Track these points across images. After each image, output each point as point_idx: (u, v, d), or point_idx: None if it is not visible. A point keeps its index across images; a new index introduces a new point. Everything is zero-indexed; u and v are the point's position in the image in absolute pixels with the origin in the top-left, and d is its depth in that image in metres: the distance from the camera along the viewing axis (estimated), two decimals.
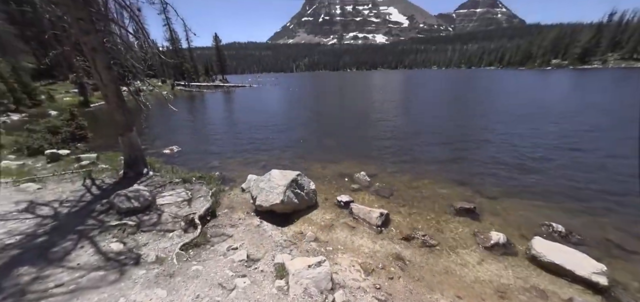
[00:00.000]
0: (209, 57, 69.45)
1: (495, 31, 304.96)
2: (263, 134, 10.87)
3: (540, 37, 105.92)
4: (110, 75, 4.84)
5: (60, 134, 7.55)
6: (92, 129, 10.80)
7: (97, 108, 20.36)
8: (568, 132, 9.37)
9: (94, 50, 4.54)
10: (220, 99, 26.74)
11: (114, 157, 6.92)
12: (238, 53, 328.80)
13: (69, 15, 4.25)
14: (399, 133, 10.28)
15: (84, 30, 4.34)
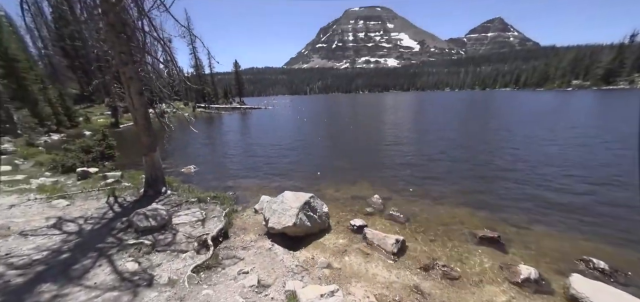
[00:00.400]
0: (228, 81, 74.03)
1: (509, 53, 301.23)
2: (277, 154, 11.07)
3: (557, 58, 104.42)
4: (141, 101, 5.27)
5: (92, 153, 8.15)
6: (119, 148, 11.54)
7: (126, 128, 21.99)
8: (604, 156, 8.68)
9: (130, 79, 5.02)
10: (236, 120, 27.96)
11: (137, 175, 7.30)
12: (255, 77, 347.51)
13: (113, 50, 4.78)
14: (413, 156, 10.05)
15: (124, 62, 4.84)
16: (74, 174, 7.08)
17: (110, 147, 8.85)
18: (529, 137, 12.28)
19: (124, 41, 4.72)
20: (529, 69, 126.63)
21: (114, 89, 6.06)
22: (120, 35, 4.67)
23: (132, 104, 5.27)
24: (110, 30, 4.60)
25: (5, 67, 16.25)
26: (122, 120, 23.88)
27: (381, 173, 8.03)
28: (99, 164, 8.04)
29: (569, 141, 10.84)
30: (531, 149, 10.10)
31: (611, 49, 76.00)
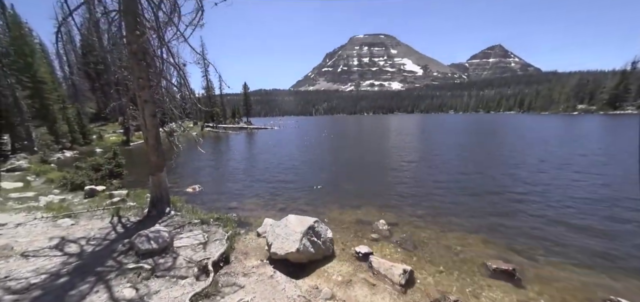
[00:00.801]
0: (237, 101, 76.68)
1: (511, 78, 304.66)
2: (281, 175, 11.05)
3: (560, 83, 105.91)
4: (153, 122, 5.46)
5: (101, 171, 8.32)
6: (128, 165, 11.76)
7: (136, 146, 22.59)
8: (623, 182, 8.32)
9: (145, 102, 5.25)
10: (243, 140, 28.45)
11: (142, 194, 7.34)
12: (263, 98, 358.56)
13: (133, 75, 5.06)
14: (419, 179, 9.86)
15: (141, 86, 5.09)
16: (82, 191, 7.18)
17: (119, 166, 9.03)
18: (542, 162, 11.90)
19: (143, 67, 5.01)
20: (533, 93, 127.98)
21: (129, 111, 6.33)
22: (141, 62, 4.96)
23: (145, 125, 5.46)
24: (132, 58, 4.91)
25: (33, 88, 17.35)
26: (132, 138, 24.63)
27: (387, 196, 7.85)
28: (107, 182, 8.17)
29: (588, 169, 10.34)
30: (545, 175, 9.76)
31: (614, 75, 77.24)
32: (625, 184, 8.25)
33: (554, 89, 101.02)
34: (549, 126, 32.37)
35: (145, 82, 5.11)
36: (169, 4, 4.84)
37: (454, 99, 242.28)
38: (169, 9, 4.90)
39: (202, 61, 6.21)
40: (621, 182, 8.47)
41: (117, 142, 23.36)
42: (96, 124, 29.95)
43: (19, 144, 15.60)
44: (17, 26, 18.42)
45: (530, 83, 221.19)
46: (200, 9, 4.89)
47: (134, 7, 4.60)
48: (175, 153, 7.02)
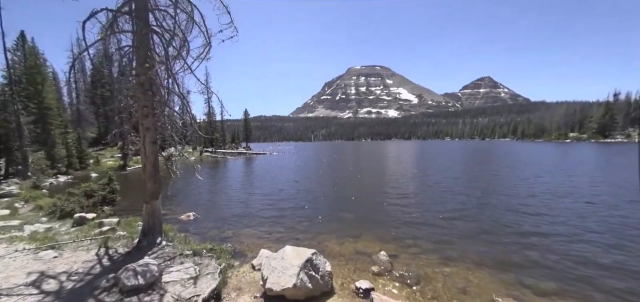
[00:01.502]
0: (237, 127, 77.92)
1: (503, 107, 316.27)
2: (278, 203, 10.80)
3: (549, 112, 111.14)
4: (153, 149, 5.45)
5: (94, 197, 8.08)
6: (123, 191, 11.50)
7: (132, 171, 22.31)
8: (632, 209, 8.19)
9: (147, 129, 5.29)
10: (241, 165, 28.31)
11: (134, 222, 7.06)
12: (263, 124, 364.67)
13: (138, 104, 5.16)
14: (420, 208, 9.66)
15: (145, 114, 5.17)
16: (71, 219, 6.90)
17: (113, 192, 8.81)
18: (547, 191, 11.68)
19: (148, 97, 5.13)
20: (525, 121, 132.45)
21: (129, 137, 6.36)
22: (147, 92, 5.09)
23: (145, 151, 5.44)
24: (139, 88, 5.05)
25: (38, 114, 17.70)
26: (129, 162, 24.43)
27: (387, 226, 7.61)
28: (99, 209, 7.90)
29: (596, 198, 10.13)
30: (551, 205, 9.52)
31: (599, 106, 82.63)
32: (631, 208, 8.12)
33: (545, 118, 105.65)
34: (547, 153, 32.76)
35: (149, 110, 5.19)
36: (178, 40, 5.10)
37: (449, 126, 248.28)
38: (179, 45, 5.15)
39: (206, 90, 6.44)
40: (630, 209, 8.35)
41: (114, 167, 23.13)
42: (95, 148, 29.94)
43: (13, 168, 15.37)
44: (34, 57, 19.58)
45: (521, 112, 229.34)
46: (208, 44, 5.16)
47: (147, 43, 4.85)
48: (172, 179, 6.89)
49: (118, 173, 21.37)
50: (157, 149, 5.53)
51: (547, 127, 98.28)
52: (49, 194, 11.46)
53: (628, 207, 8.77)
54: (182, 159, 7.00)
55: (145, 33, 4.82)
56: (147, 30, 4.85)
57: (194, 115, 39.20)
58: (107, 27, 4.85)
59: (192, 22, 5.19)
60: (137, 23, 4.64)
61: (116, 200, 8.85)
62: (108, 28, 4.82)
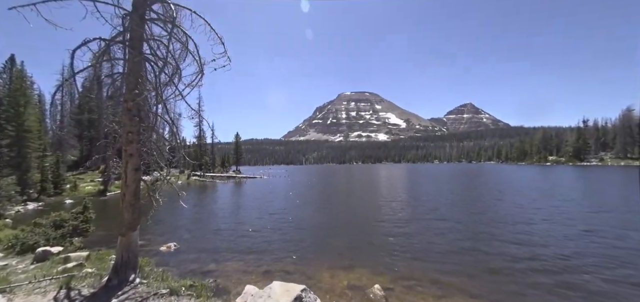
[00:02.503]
0: (228, 150, 76.85)
1: (486, 131, 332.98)
2: (267, 231, 10.30)
3: (528, 137, 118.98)
4: (135, 176, 5.13)
5: (64, 228, 7.39)
6: (100, 218, 10.69)
7: (113, 196, 21.02)
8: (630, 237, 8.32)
9: (130, 156, 5.03)
10: (230, 190, 27.39)
11: (106, 256, 6.44)
12: (254, 147, 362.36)
13: (123, 129, 4.95)
14: (412, 234, 9.47)
15: (129, 140, 4.94)
16: (32, 254, 6.19)
17: (87, 221, 8.13)
18: (540, 217, 11.60)
19: (135, 122, 4.95)
20: (507, 145, 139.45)
21: (112, 162, 6.03)
22: (134, 118, 4.92)
23: (126, 179, 5.12)
24: (126, 114, 4.88)
25: (15, 137, 16.82)
26: (111, 187, 23.10)
27: (380, 256, 7.33)
28: (67, 241, 7.19)
29: (594, 225, 10.03)
30: (547, 231, 9.48)
31: (572, 131, 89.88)
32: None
33: (525, 142, 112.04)
34: (533, 176, 33.84)
35: (133, 136, 4.98)
36: (171, 67, 5.09)
37: (437, 149, 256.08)
38: (171, 72, 5.13)
39: (197, 115, 6.34)
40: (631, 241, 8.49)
41: (92, 192, 21.75)
42: (75, 172, 28.32)
43: None
44: (20, 80, 19.22)
45: (502, 136, 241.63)
46: (201, 72, 5.17)
47: (138, 70, 4.79)
48: (154, 208, 6.46)
49: (97, 199, 20.05)
50: (139, 177, 5.22)
51: (528, 150, 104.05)
52: (12, 225, 10.43)
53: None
54: (168, 184, 6.65)
55: (138, 61, 4.78)
56: (140, 58, 4.82)
57: (184, 139, 38.29)
58: (98, 55, 4.78)
59: (186, 51, 5.24)
60: (131, 52, 4.61)
61: (89, 230, 8.12)
62: (99, 56, 4.76)
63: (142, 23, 4.59)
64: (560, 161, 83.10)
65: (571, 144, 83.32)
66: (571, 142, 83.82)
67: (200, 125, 46.26)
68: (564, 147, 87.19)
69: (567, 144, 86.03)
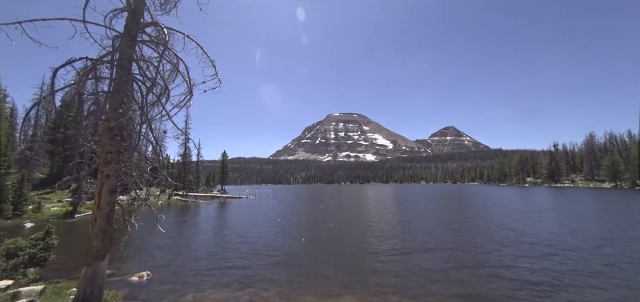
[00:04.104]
0: (214, 168, 74.52)
1: (468, 153, 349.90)
2: (251, 256, 9.75)
3: (506, 159, 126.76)
4: (109, 199, 4.77)
5: (18, 258, 6.57)
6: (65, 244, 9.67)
7: (83, 219, 19.29)
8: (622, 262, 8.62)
9: (107, 177, 4.71)
10: (214, 210, 26.13)
11: (65, 289, 5.75)
12: (241, 166, 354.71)
13: (101, 149, 4.67)
14: (401, 257, 9.35)
15: (107, 161, 4.65)
16: None
17: (47, 248, 7.30)
18: (529, 236, 11.99)
19: (116, 142, 4.70)
20: (488, 167, 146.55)
21: (84, 184, 5.60)
22: (115, 138, 4.68)
23: (99, 202, 4.74)
24: (106, 133, 4.64)
25: None
26: (81, 208, 21.27)
27: (370, 282, 7.10)
28: (20, 272, 6.37)
29: (583, 246, 10.39)
30: (539, 251, 9.70)
31: (545, 154, 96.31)
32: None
33: (504, 164, 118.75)
34: (516, 197, 35.10)
35: (113, 157, 4.72)
36: (159, 88, 5.00)
37: (423, 170, 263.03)
38: (159, 92, 5.03)
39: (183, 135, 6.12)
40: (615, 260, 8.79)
41: (58, 214, 19.89)
42: (42, 191, 25.98)
43: None
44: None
45: (483, 157, 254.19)
46: (190, 93, 5.11)
47: (125, 89, 4.65)
48: (128, 233, 5.96)
49: (63, 221, 18.29)
50: (114, 200, 4.87)
51: (508, 172, 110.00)
52: None
53: None
54: (146, 206, 6.23)
55: (125, 80, 4.66)
56: (128, 78, 4.71)
57: (168, 156, 37.15)
58: (82, 73, 4.62)
59: (176, 72, 5.19)
60: (119, 71, 4.50)
61: (49, 260, 7.26)
62: (84, 75, 4.59)
63: (133, 44, 4.55)
64: (537, 182, 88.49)
65: (545, 166, 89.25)
66: (545, 164, 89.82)
67: (185, 144, 44.88)
68: (539, 169, 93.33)
69: (541, 167, 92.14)
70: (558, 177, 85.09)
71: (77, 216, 20.21)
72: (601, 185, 69.18)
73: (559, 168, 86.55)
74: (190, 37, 5.06)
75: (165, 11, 4.76)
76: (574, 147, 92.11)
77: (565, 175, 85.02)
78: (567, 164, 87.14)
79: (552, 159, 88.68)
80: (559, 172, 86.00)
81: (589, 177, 77.43)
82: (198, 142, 52.02)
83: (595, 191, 51.33)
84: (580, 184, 76.11)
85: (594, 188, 62.52)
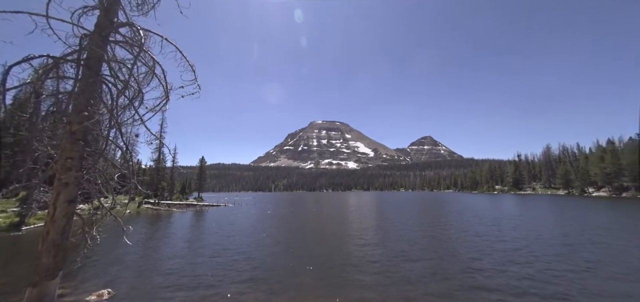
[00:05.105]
0: (191, 174, 70.63)
1: (444, 162, 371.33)
2: (225, 268, 9.31)
3: (478, 168, 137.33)
4: (66, 211, 4.33)
5: None
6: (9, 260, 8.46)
7: (32, 231, 17.08)
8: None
9: (65, 185, 4.27)
10: (188, 219, 24.64)
11: None
12: (221, 172, 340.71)
13: (61, 155, 4.25)
14: (383, 265, 9.53)
15: (67, 167, 4.23)
16: None
17: None
18: (491, 238, 12.96)
19: (78, 147, 4.31)
20: (461, 175, 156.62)
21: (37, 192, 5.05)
22: (77, 142, 4.30)
23: (53, 213, 4.28)
24: (68, 137, 4.24)
25: None
26: (30, 220, 18.85)
27: (350, 290, 7.12)
28: None
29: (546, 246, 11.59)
30: (532, 262, 9.94)
31: (510, 164, 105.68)
32: None
33: (476, 173, 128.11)
34: (487, 204, 37.66)
35: (73, 163, 4.32)
36: (132, 91, 4.72)
37: (402, 178, 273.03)
38: (131, 95, 4.75)
39: (157, 140, 5.78)
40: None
41: (1, 226, 17.43)
42: None
43: None
44: None
45: (457, 166, 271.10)
46: (166, 98, 4.89)
47: (92, 91, 4.31)
48: (87, 247, 5.43)
49: (7, 235, 16.04)
50: (72, 210, 4.44)
51: (479, 180, 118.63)
52: None
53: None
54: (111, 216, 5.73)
55: (93, 81, 4.34)
56: (96, 79, 4.40)
57: (139, 161, 34.19)
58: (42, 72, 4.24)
59: (152, 75, 4.95)
60: (86, 72, 4.18)
61: None
62: (43, 73, 4.21)
63: (105, 44, 4.28)
64: (504, 190, 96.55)
65: (511, 175, 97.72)
66: (510, 173, 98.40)
67: (160, 149, 42.24)
68: (506, 177, 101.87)
69: (507, 175, 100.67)
70: (521, 185, 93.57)
71: (25, 228, 17.88)
72: (557, 192, 77.07)
73: (522, 177, 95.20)
74: (168, 40, 4.88)
75: (142, 12, 4.56)
76: (534, 158, 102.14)
77: (527, 183, 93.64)
78: (529, 173, 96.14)
79: (517, 168, 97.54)
80: (522, 180, 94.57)
81: (547, 185, 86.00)
82: (174, 147, 49.13)
83: (552, 197, 57.03)
84: (539, 191, 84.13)
85: (551, 195, 69.45)
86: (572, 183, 73.86)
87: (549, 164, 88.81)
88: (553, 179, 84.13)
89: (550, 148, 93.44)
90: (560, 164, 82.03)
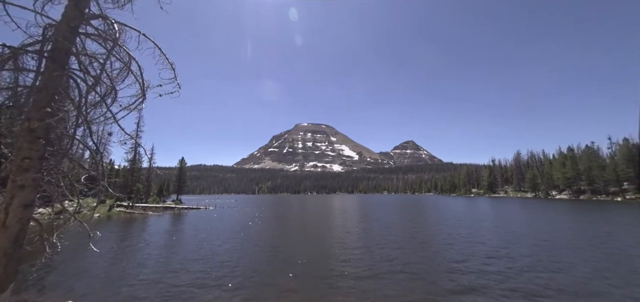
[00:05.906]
0: (170, 176, 67.05)
1: (425, 166, 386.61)
2: (203, 275, 8.89)
3: (457, 172, 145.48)
4: (22, 215, 3.90)
5: None
6: None
7: None
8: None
9: (21, 187, 3.84)
10: (165, 223, 23.31)
11: None
12: (202, 174, 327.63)
13: (16, 154, 3.82)
14: (369, 268, 9.63)
15: (24, 168, 3.81)
16: None
17: None
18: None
19: (38, 146, 3.90)
20: (441, 178, 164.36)
21: None
22: (37, 140, 3.89)
23: (5, 219, 3.83)
24: (26, 135, 3.82)
25: None
26: None
27: (336, 297, 7.11)
28: None
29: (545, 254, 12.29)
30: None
31: (485, 168, 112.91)
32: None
33: (455, 176, 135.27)
34: (464, 207, 39.61)
35: (31, 164, 3.92)
36: (104, 87, 4.39)
37: (385, 181, 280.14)
38: (103, 92, 4.41)
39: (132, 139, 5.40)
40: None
41: None
42: None
43: None
44: None
45: (438, 170, 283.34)
46: (143, 96, 4.61)
47: (57, 85, 3.94)
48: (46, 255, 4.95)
49: None
50: (28, 216, 4.01)
51: (457, 183, 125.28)
52: None
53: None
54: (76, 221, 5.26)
55: (58, 75, 3.97)
56: (62, 73, 4.03)
57: (112, 162, 32.61)
58: None
59: (128, 71, 4.64)
60: (50, 64, 3.82)
61: None
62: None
63: (73, 37, 3.95)
64: (480, 193, 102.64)
65: (486, 179, 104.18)
66: (485, 177, 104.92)
67: (136, 149, 39.75)
68: (482, 181, 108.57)
69: (483, 179, 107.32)
70: (495, 188, 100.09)
71: None
72: (525, 195, 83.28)
73: (496, 180, 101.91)
74: (146, 35, 4.62)
75: (118, 5, 4.28)
76: (506, 163, 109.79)
77: (500, 186, 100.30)
78: (502, 176, 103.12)
79: (491, 172, 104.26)
80: (496, 184, 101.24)
81: (517, 189, 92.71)
82: (151, 147, 46.31)
83: (522, 200, 61.47)
84: (511, 194, 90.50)
85: (520, 198, 74.79)
86: (538, 187, 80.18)
87: (519, 169, 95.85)
88: (523, 183, 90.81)
89: (520, 154, 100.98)
90: (529, 169, 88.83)
